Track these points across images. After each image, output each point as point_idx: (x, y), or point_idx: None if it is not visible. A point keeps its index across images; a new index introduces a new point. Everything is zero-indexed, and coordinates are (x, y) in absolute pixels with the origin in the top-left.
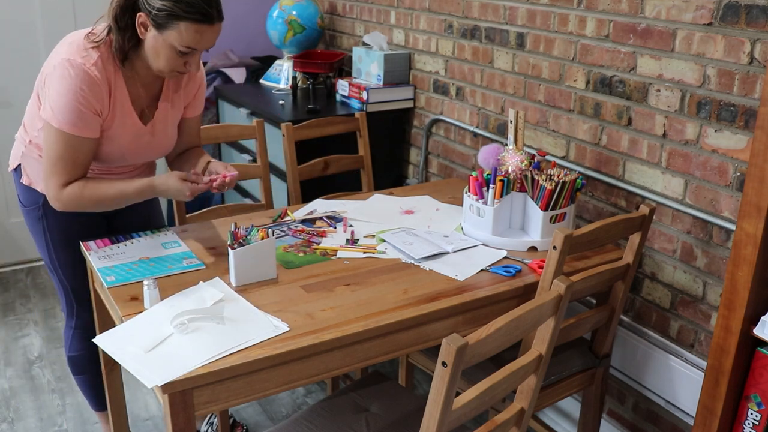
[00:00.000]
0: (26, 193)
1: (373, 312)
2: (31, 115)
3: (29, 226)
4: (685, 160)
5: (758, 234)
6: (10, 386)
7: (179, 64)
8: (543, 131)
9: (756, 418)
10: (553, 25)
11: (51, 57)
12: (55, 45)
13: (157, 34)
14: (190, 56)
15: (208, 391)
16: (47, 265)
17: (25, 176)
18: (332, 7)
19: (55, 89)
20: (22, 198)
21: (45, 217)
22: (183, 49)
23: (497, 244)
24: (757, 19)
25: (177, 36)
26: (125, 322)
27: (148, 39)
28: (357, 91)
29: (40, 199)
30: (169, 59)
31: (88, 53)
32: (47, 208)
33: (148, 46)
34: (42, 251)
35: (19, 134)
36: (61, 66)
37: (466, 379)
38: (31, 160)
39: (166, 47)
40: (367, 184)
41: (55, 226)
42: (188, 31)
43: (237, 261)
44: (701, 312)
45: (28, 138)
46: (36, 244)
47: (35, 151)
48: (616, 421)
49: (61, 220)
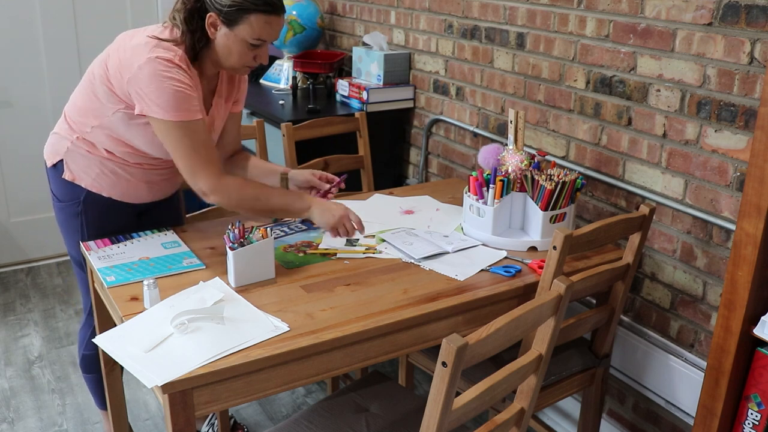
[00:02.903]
0: (66, 188)
1: (373, 312)
2: (82, 112)
3: (62, 222)
4: (685, 160)
5: (758, 234)
6: (10, 386)
7: (250, 59)
8: (543, 131)
9: (756, 418)
10: (553, 25)
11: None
12: (55, 45)
13: (228, 31)
14: (260, 49)
15: (208, 391)
16: (77, 262)
17: (68, 172)
18: (332, 7)
19: (154, 86)
20: (60, 194)
21: (84, 212)
22: (255, 42)
23: (497, 244)
24: (757, 19)
25: (248, 29)
26: (125, 322)
27: (219, 38)
28: (357, 91)
29: (81, 194)
30: (242, 54)
31: (171, 49)
32: (87, 204)
33: (220, 45)
34: (73, 247)
35: (61, 130)
36: (151, 64)
37: (466, 379)
38: (78, 156)
39: (238, 42)
40: (367, 184)
41: (93, 222)
42: (258, 23)
43: (236, 261)
44: (701, 312)
45: (75, 135)
46: (66, 240)
47: (84, 147)
48: (616, 421)
49: (100, 216)
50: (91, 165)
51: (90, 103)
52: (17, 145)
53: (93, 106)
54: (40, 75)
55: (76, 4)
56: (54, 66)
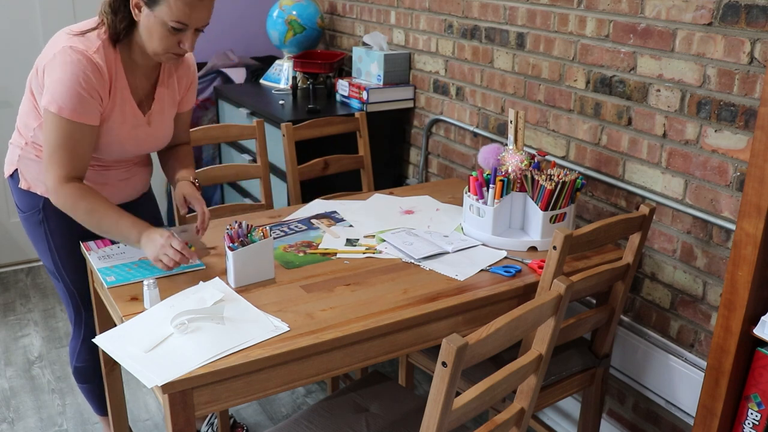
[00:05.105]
0: (25, 198)
1: (373, 312)
2: (25, 115)
3: (29, 233)
4: (685, 160)
5: (758, 234)
6: (10, 386)
7: (173, 44)
8: (543, 131)
9: (756, 418)
10: (553, 25)
11: (46, 49)
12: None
13: (149, 12)
14: (183, 34)
15: (208, 391)
16: (51, 272)
17: (24, 181)
18: (332, 7)
19: (57, 75)
20: (21, 204)
21: (46, 220)
22: (174, 24)
23: (497, 244)
24: (757, 19)
25: (167, 11)
26: (125, 322)
27: (141, 19)
28: (357, 91)
29: (39, 202)
30: (163, 38)
31: (89, 40)
32: (47, 211)
33: (143, 27)
34: (44, 257)
35: (14, 139)
36: (63, 52)
37: (466, 379)
38: (29, 162)
39: (159, 24)
40: (367, 184)
41: (56, 228)
42: (177, 5)
43: (236, 261)
44: (701, 312)
45: (23, 140)
46: (37, 250)
47: (32, 152)
48: (616, 421)
49: (63, 223)
50: (42, 170)
51: (29, 103)
52: None
53: (31, 106)
54: None
55: (76, 4)
56: None
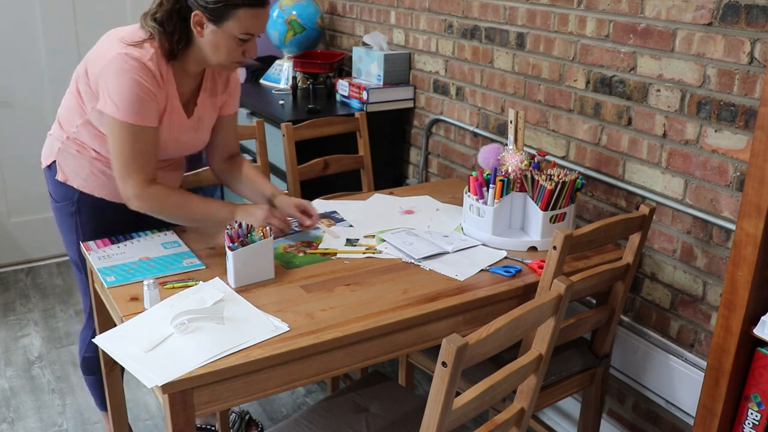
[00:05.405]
0: (60, 189)
1: (373, 312)
2: (68, 111)
3: (59, 222)
4: (685, 160)
5: (758, 234)
6: (10, 386)
7: (238, 54)
8: (543, 131)
9: (756, 418)
10: (553, 25)
11: (96, 56)
12: (55, 45)
13: (216, 28)
14: (248, 44)
15: (208, 391)
16: (74, 263)
17: (61, 173)
18: (332, 7)
19: (115, 82)
20: (55, 194)
21: (78, 213)
22: (243, 36)
23: (497, 244)
24: (757, 19)
25: (236, 25)
26: (125, 322)
27: (206, 35)
28: (357, 91)
29: (74, 195)
30: (230, 50)
31: (144, 48)
32: (81, 204)
33: (207, 43)
34: (70, 248)
35: (54, 132)
36: (119, 59)
37: (466, 379)
38: (68, 156)
39: (226, 38)
40: (367, 184)
41: (87, 222)
42: (246, 17)
43: (236, 261)
44: (701, 312)
45: (64, 135)
46: (64, 240)
47: (73, 147)
48: (616, 421)
49: (95, 217)
50: (82, 165)
51: (74, 100)
52: (17, 145)
53: (76, 104)
54: (40, 75)
55: (76, 4)
56: (54, 66)
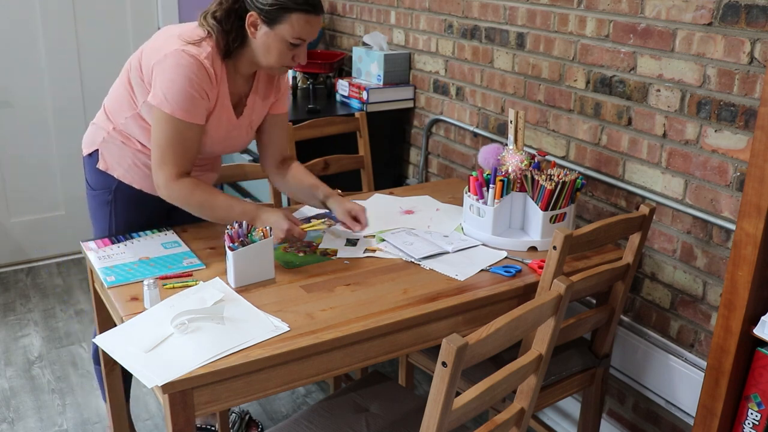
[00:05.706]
0: (99, 177)
1: (373, 312)
2: (117, 102)
3: (93, 210)
4: (685, 160)
5: (758, 234)
6: (10, 386)
7: (288, 58)
8: (543, 131)
9: (756, 418)
10: (553, 25)
11: (152, 50)
12: (55, 45)
13: (269, 30)
14: (299, 49)
15: (208, 391)
16: None
17: (103, 162)
18: (332, 7)
19: (168, 76)
20: (92, 182)
21: (114, 202)
22: (294, 41)
23: (497, 244)
24: (757, 19)
25: (289, 28)
26: (125, 322)
27: (259, 37)
28: (357, 91)
29: (112, 184)
30: (281, 54)
31: (201, 46)
32: (118, 193)
33: (259, 44)
34: (100, 236)
35: (99, 121)
36: (176, 55)
37: (466, 379)
38: (113, 146)
39: (278, 41)
40: (367, 184)
41: (122, 213)
42: (299, 22)
43: (236, 261)
44: (701, 312)
45: (111, 125)
46: (95, 228)
47: (119, 138)
48: (616, 421)
49: (129, 207)
50: (125, 156)
51: (125, 93)
52: (17, 145)
53: (127, 97)
54: (40, 75)
55: (76, 4)
56: (54, 66)
